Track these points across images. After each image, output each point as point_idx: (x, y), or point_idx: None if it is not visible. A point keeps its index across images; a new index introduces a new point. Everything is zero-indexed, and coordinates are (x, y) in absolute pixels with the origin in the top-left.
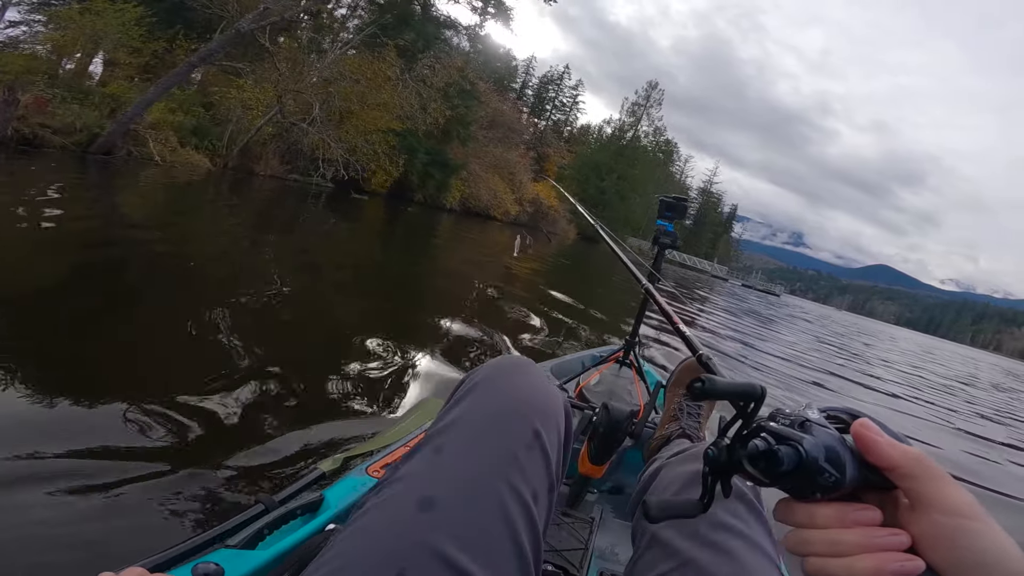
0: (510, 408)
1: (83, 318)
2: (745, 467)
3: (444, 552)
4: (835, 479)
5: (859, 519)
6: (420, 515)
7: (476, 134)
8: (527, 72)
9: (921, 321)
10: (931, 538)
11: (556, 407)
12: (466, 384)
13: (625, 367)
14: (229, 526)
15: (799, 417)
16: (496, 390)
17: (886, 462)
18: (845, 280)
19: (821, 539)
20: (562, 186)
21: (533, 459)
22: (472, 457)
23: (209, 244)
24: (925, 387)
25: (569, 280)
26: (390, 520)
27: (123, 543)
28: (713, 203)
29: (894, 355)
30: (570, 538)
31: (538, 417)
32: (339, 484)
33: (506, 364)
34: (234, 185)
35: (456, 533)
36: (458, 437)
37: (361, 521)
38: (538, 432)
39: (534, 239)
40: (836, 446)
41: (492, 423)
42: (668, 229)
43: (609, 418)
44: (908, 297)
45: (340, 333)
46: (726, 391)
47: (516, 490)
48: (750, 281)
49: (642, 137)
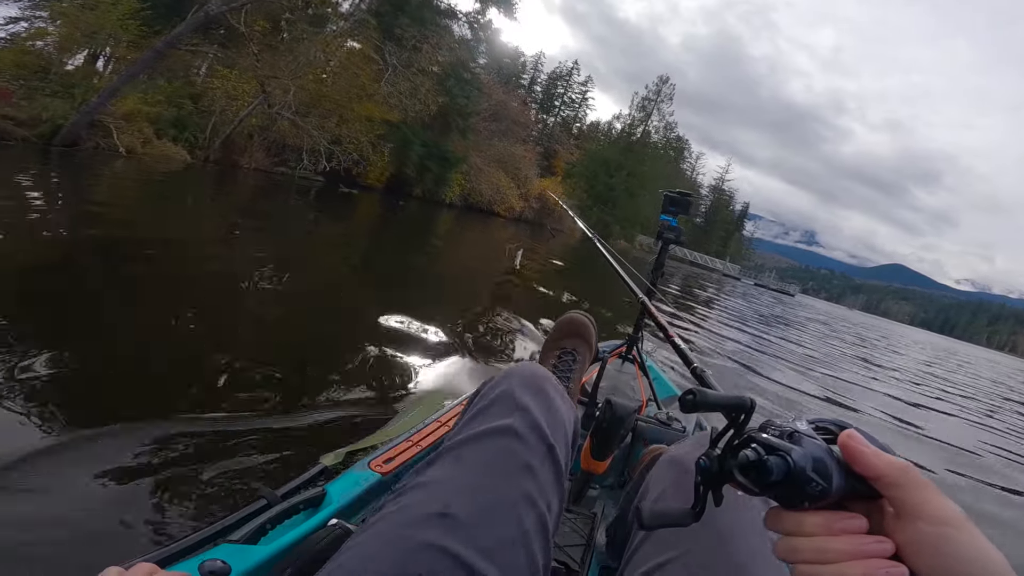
0: (528, 423)
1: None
2: (736, 476)
3: (461, 555)
4: (822, 488)
5: (846, 527)
6: (439, 520)
7: (478, 126)
8: (536, 68)
9: (936, 322)
10: (915, 545)
11: (568, 421)
12: (487, 394)
13: (628, 363)
14: (231, 521)
15: (788, 429)
16: (516, 405)
17: (872, 472)
18: (859, 279)
19: (809, 547)
20: (571, 183)
21: (546, 471)
22: (491, 468)
23: (128, 246)
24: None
25: (572, 282)
26: (409, 524)
27: (127, 538)
28: (725, 201)
29: (941, 370)
30: (572, 533)
31: (552, 431)
32: (341, 479)
33: (526, 376)
34: (211, 178)
35: (473, 539)
36: (478, 448)
37: (380, 524)
38: (552, 446)
39: (533, 240)
40: (823, 456)
41: (511, 437)
42: (672, 224)
43: (612, 414)
44: (923, 297)
45: (342, 329)
46: (717, 403)
47: (531, 501)
48: (763, 280)
49: (652, 133)
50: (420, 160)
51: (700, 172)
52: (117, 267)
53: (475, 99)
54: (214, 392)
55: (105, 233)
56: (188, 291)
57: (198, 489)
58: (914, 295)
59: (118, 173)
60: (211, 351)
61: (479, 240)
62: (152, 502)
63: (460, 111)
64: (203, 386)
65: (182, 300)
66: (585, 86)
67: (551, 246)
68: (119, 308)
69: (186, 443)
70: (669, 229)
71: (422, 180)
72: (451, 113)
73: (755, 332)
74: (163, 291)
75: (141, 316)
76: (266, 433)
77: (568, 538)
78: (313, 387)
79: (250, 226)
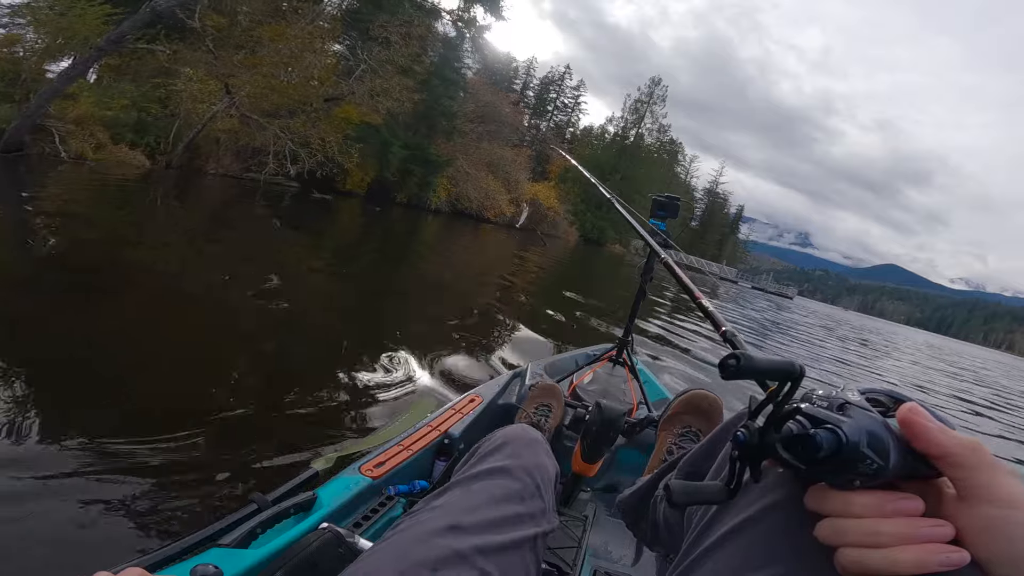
0: (523, 467)
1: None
2: (778, 452)
3: (471, 558)
4: (878, 466)
5: (901, 508)
6: (449, 531)
7: (465, 128)
8: (528, 73)
9: (932, 321)
10: (980, 531)
11: (552, 470)
12: (490, 443)
13: (619, 366)
14: (222, 525)
15: (838, 399)
16: (511, 453)
17: (938, 450)
18: (854, 280)
19: (858, 529)
20: (564, 188)
21: (536, 504)
22: (492, 496)
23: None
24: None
25: (566, 285)
26: (422, 535)
27: (117, 542)
28: (719, 204)
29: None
30: (563, 536)
31: (539, 474)
32: (332, 483)
33: (521, 435)
34: (169, 185)
35: (477, 544)
36: (486, 481)
37: (396, 537)
38: (539, 486)
39: (523, 247)
40: (879, 431)
41: (508, 476)
42: (661, 228)
43: (602, 417)
44: (918, 297)
45: (331, 337)
46: (764, 368)
47: (524, 521)
48: (760, 283)
49: (646, 135)
50: (402, 163)
51: (694, 175)
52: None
53: (461, 100)
54: (205, 396)
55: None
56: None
57: (188, 494)
58: (909, 295)
59: (62, 180)
60: (194, 359)
61: (465, 248)
62: (142, 507)
63: (444, 112)
64: (194, 389)
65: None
66: (578, 90)
67: (545, 251)
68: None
69: (178, 445)
70: (657, 233)
71: (405, 184)
72: (435, 114)
73: (777, 345)
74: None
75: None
76: (258, 437)
77: (559, 540)
78: (304, 393)
79: (198, 236)
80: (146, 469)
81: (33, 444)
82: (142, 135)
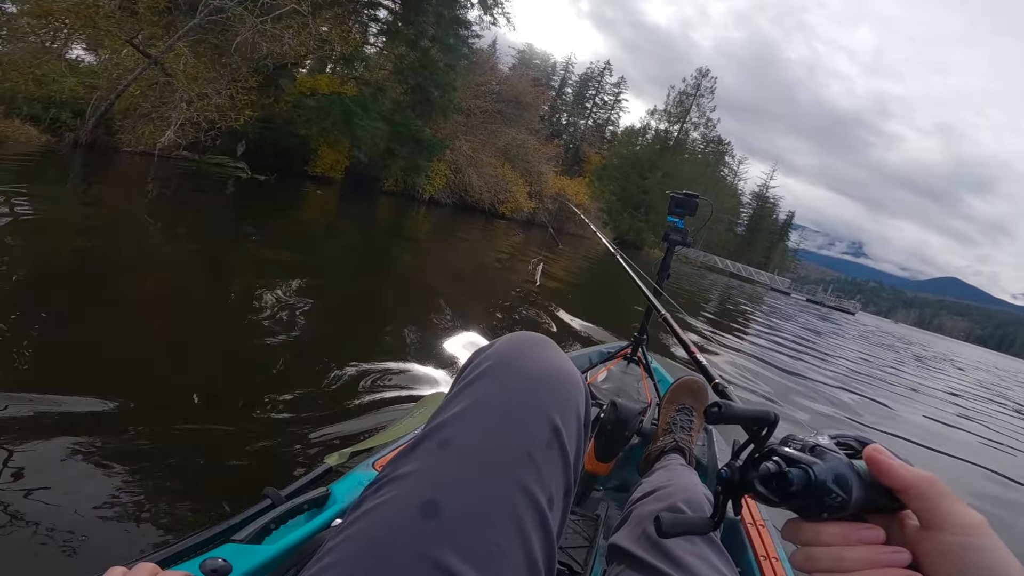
0: (526, 399)
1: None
2: (756, 487)
3: (449, 566)
4: (841, 500)
5: (863, 537)
6: (423, 522)
7: (470, 106)
8: (566, 70)
9: (993, 338)
10: (938, 555)
11: (576, 395)
12: (475, 366)
13: (633, 364)
14: (235, 521)
15: (810, 442)
16: (510, 377)
17: (900, 483)
18: (911, 293)
19: (826, 556)
20: (599, 186)
21: (551, 459)
22: (482, 456)
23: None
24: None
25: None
26: (390, 526)
27: (130, 538)
28: (768, 209)
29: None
30: (575, 535)
31: (557, 409)
32: (346, 479)
33: (521, 344)
34: (66, 165)
35: (463, 545)
36: (466, 431)
37: (359, 524)
38: (557, 428)
39: (545, 250)
40: (844, 470)
41: (505, 416)
42: (679, 226)
43: (617, 416)
44: (979, 312)
45: (348, 334)
46: (740, 415)
47: (531, 495)
48: (817, 296)
49: (691, 130)
50: (384, 143)
51: (742, 178)
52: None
53: (463, 70)
54: (218, 391)
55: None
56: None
57: (202, 489)
58: (970, 310)
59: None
60: (208, 347)
61: (450, 256)
62: (155, 503)
63: (440, 83)
64: (208, 384)
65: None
66: (618, 87)
67: (569, 255)
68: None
69: (191, 441)
70: (676, 231)
71: (388, 168)
72: (429, 85)
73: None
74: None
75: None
76: (271, 432)
77: (571, 540)
78: (318, 387)
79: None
80: (158, 465)
81: (40, 442)
82: (46, 109)
